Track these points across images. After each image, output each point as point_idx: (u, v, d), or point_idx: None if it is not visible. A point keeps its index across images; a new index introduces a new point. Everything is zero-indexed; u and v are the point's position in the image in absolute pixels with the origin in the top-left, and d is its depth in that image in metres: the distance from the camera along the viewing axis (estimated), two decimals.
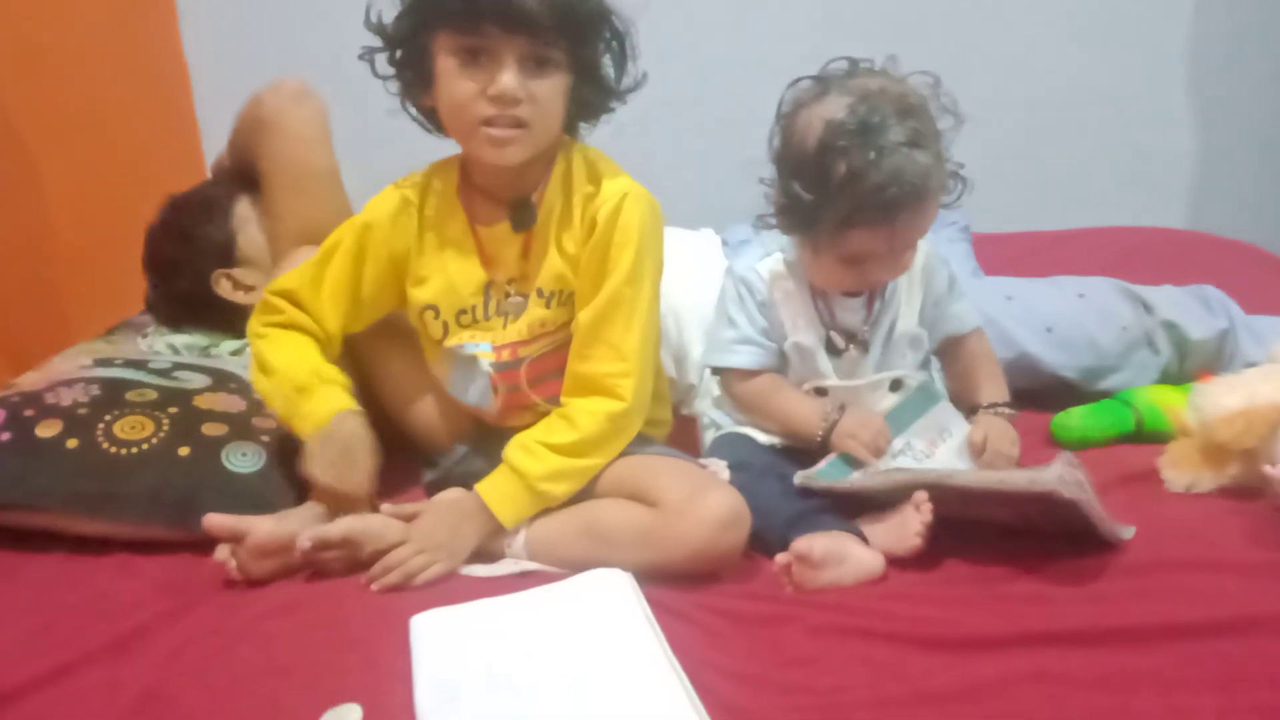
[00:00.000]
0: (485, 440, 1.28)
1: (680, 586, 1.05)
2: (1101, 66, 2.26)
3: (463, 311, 1.23)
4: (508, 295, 1.22)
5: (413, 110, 1.20)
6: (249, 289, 1.51)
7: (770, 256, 1.25)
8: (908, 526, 1.07)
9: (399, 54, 1.16)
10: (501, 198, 1.21)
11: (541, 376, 1.23)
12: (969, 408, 1.26)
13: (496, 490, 1.13)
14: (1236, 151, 2.33)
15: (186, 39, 2.28)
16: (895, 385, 1.23)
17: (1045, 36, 2.26)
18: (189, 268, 1.52)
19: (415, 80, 1.16)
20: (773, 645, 0.95)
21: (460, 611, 1.00)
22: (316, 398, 1.16)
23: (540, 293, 1.21)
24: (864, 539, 1.09)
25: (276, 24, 2.28)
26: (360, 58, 1.17)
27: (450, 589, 1.07)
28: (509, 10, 1.06)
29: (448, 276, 1.22)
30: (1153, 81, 2.29)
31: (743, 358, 1.24)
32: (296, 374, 1.18)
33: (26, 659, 0.98)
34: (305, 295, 1.22)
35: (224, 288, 1.52)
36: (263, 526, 1.09)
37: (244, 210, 1.53)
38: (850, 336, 1.23)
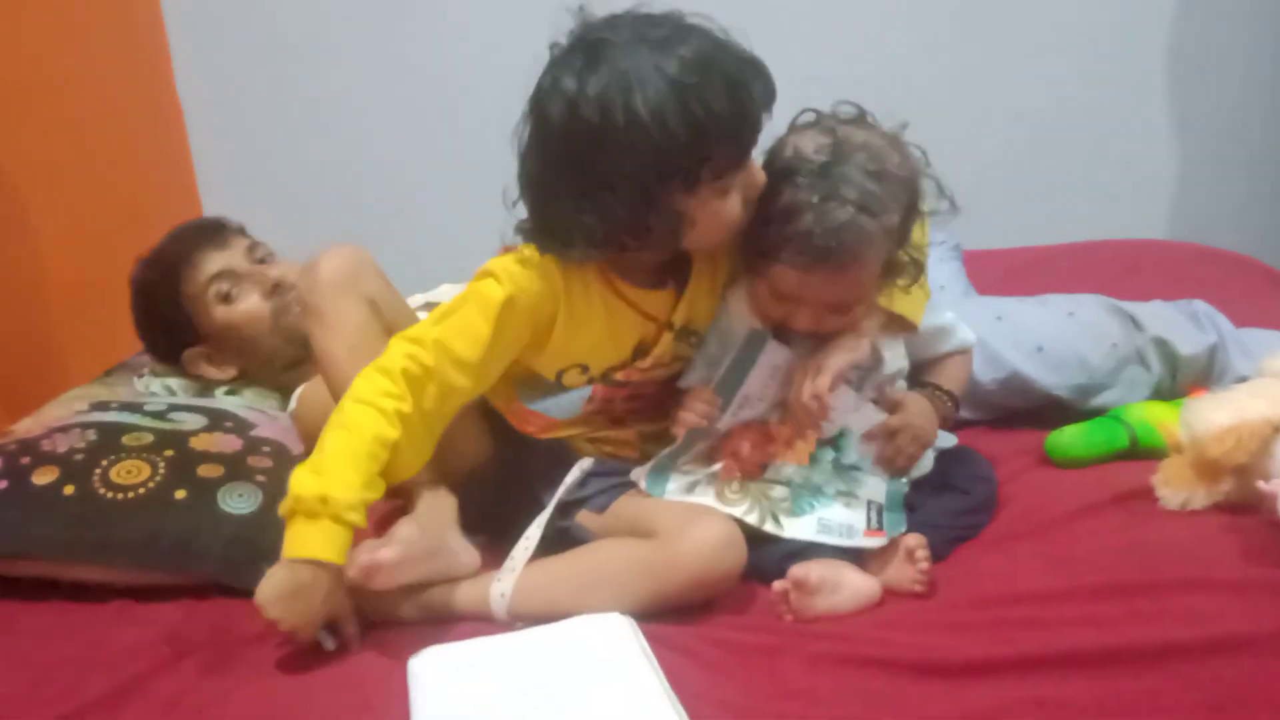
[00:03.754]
0: (485, 473, 1.25)
1: (678, 619, 1.05)
2: (1082, 80, 2.28)
3: (613, 367, 1.18)
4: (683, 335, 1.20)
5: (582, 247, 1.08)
6: (224, 366, 1.53)
7: None
8: (905, 574, 1.08)
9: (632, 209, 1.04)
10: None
11: (638, 396, 1.22)
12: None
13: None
14: (1219, 161, 2.34)
15: (180, 78, 2.30)
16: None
17: (1026, 53, 2.27)
18: (163, 336, 1.54)
19: (660, 228, 1.06)
20: (770, 677, 0.95)
21: (457, 651, 1.00)
22: (313, 526, 1.01)
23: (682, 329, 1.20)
24: (859, 565, 1.10)
25: (269, 63, 2.29)
26: (543, 213, 1.08)
27: (447, 629, 1.06)
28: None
29: (595, 336, 1.15)
30: (1134, 94, 2.30)
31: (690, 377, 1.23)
32: (316, 481, 1.01)
33: (26, 712, 0.98)
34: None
35: (204, 369, 1.53)
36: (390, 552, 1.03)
37: (191, 289, 1.50)
38: None
